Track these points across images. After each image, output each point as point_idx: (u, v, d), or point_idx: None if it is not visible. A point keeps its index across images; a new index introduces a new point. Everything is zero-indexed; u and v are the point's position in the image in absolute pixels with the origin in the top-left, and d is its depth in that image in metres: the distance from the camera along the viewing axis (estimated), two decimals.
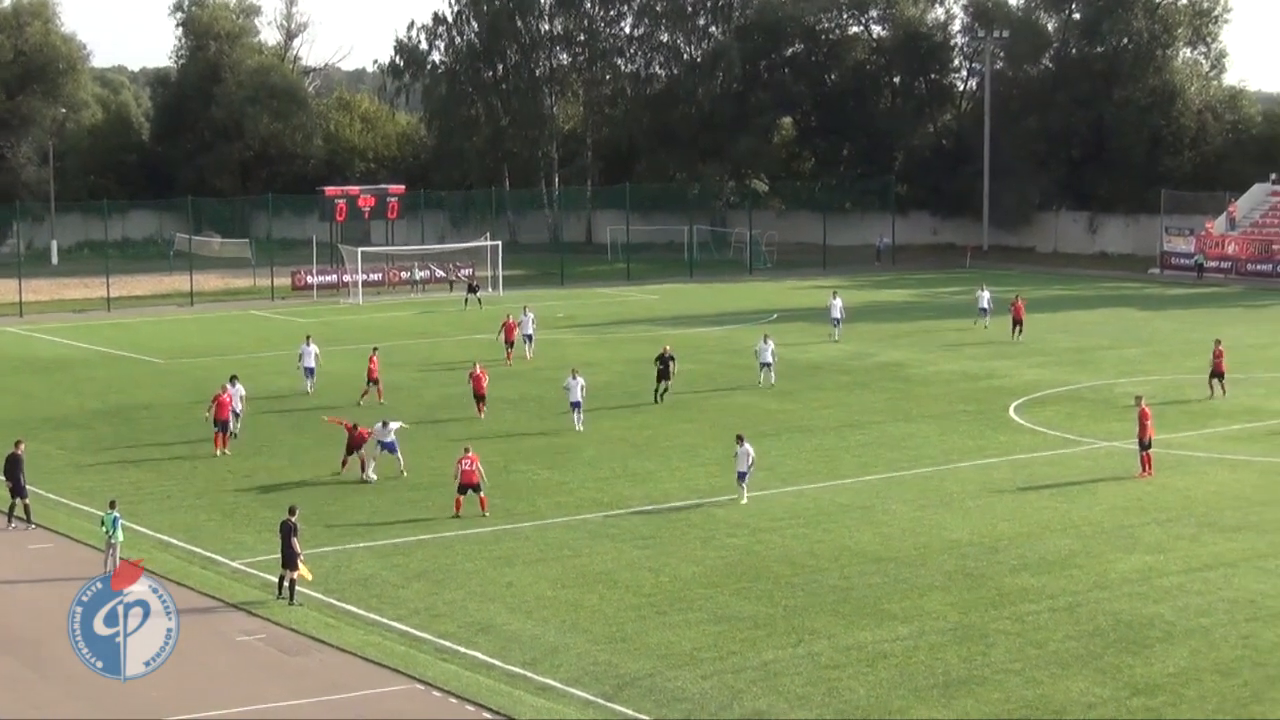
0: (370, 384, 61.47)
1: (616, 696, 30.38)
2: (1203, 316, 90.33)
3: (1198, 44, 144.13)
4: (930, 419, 58.89)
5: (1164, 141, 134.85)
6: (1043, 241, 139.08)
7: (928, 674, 31.75)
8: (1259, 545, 41.03)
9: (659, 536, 42.18)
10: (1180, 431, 56.40)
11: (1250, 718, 29.49)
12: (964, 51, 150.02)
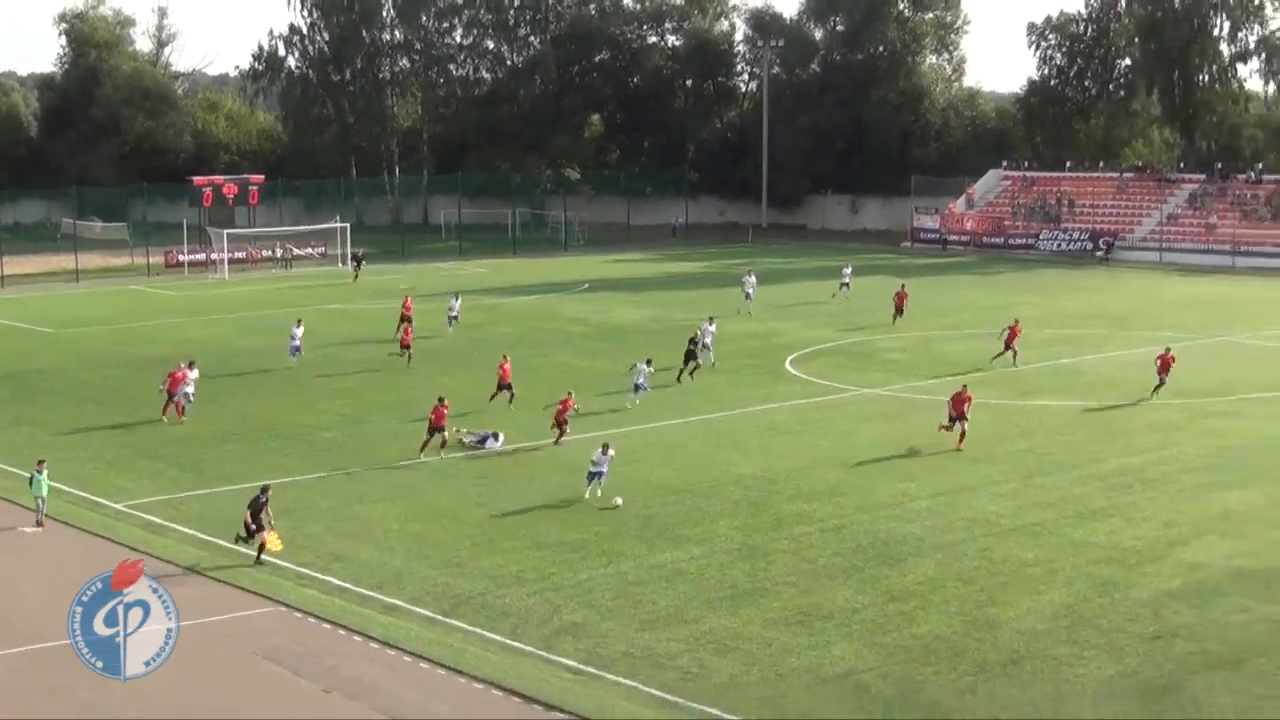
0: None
1: (453, 613, 30.50)
2: (945, 282, 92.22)
3: (941, 52, 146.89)
4: (721, 372, 59.32)
5: (914, 135, 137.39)
6: (813, 220, 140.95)
7: (718, 587, 32.21)
8: (993, 474, 42.01)
9: (489, 476, 42.24)
10: (926, 379, 57.53)
11: (985, 617, 30.28)
12: (745, 58, 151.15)
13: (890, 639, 29.06)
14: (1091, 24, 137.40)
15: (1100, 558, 34.27)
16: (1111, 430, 48.21)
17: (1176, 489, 40.74)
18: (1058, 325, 72.04)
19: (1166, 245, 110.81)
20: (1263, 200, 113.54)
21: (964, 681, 26.92)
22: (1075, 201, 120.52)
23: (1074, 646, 28.68)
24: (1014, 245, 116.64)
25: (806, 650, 28.42)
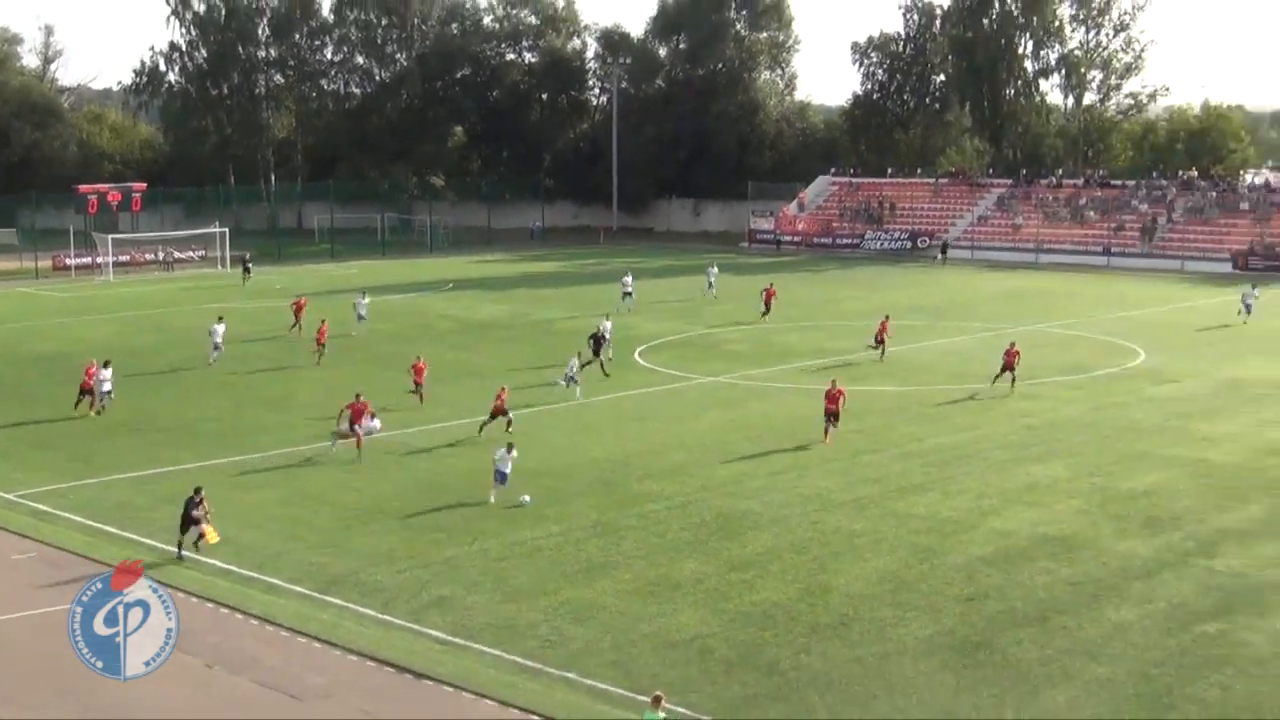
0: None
1: (329, 590, 30.23)
2: (780, 279, 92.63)
3: (775, 68, 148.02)
4: None
5: (750, 144, 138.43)
6: (659, 223, 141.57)
7: (574, 561, 32.25)
8: (824, 453, 42.46)
9: (357, 463, 41.91)
10: (764, 367, 58.05)
11: (818, 584, 30.67)
12: (596, 74, 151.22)
13: (732, 605, 29.30)
14: (909, 43, 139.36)
15: (920, 528, 34.83)
16: (930, 412, 48.98)
17: (987, 464, 41.52)
18: (882, 317, 72.96)
19: (978, 244, 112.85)
20: (1062, 203, 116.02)
21: (799, 643, 27.23)
22: (896, 204, 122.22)
23: (897, 609, 29.15)
24: (841, 245, 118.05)
25: (656, 618, 28.59)
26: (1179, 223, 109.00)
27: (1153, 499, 37.49)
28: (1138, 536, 34.20)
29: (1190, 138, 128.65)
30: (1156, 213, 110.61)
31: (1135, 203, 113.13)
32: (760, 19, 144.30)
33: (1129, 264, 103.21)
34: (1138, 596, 29.93)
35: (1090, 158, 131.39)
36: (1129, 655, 26.71)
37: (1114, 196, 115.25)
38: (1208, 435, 45.35)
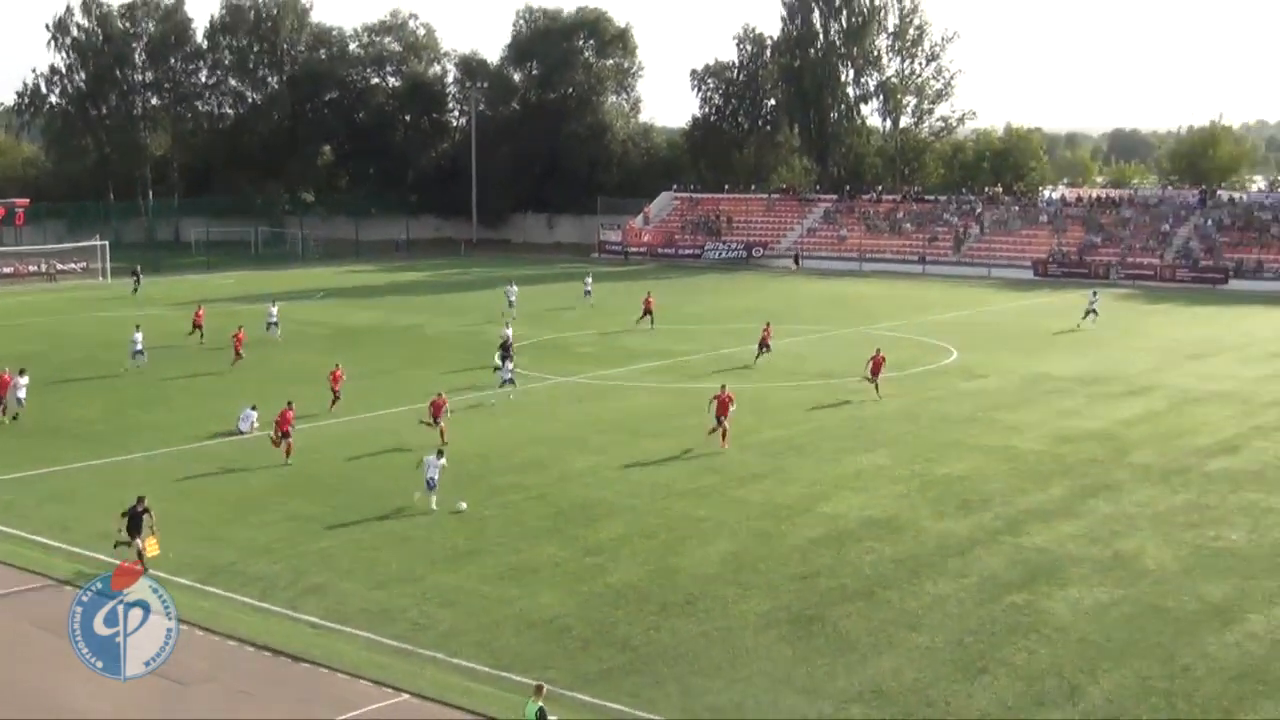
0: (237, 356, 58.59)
1: (209, 580, 29.66)
2: (627, 286, 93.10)
3: (621, 93, 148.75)
4: (439, 364, 59.06)
5: (599, 162, 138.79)
6: (516, 235, 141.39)
7: (442, 548, 32.03)
8: (673, 446, 42.56)
9: (239, 460, 41.15)
10: (613, 368, 58.14)
11: (666, 566, 30.79)
12: (456, 97, 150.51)
13: (587, 587, 29.31)
14: (743, 70, 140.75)
15: (758, 513, 35.13)
16: (767, 407, 49.39)
17: (819, 454, 42.01)
18: (721, 320, 73.58)
19: (807, 253, 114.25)
20: (882, 216, 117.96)
21: (650, 620, 27.32)
22: (733, 218, 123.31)
23: (739, 587, 29.38)
24: (683, 255, 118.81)
25: (517, 600, 28.49)
26: (986, 234, 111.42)
27: (966, 484, 38.24)
28: (953, 517, 34.87)
29: (995, 157, 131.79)
30: (966, 225, 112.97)
31: (947, 216, 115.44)
32: (607, 47, 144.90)
33: (942, 271, 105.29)
34: (953, 571, 30.50)
35: (906, 175, 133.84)
36: (946, 624, 27.22)
37: (928, 210, 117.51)
38: (1013, 425, 46.36)
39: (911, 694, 23.86)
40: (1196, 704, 23.43)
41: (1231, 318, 77.54)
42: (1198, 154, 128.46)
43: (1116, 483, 38.41)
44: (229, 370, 57.21)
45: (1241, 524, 34.24)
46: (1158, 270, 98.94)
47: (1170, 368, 58.82)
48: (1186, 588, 29.40)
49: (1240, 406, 49.77)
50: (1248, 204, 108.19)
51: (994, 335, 69.53)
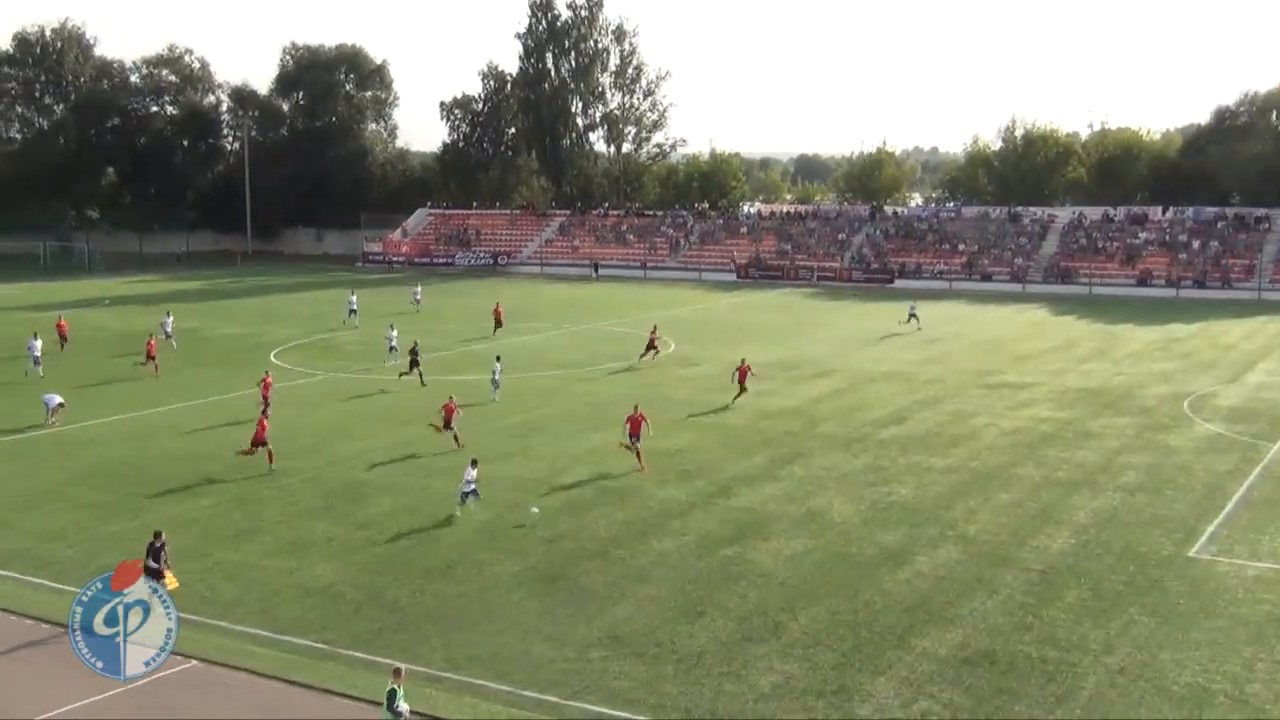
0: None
1: (7, 565, 28.00)
2: (389, 291, 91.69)
3: (380, 121, 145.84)
4: (217, 365, 57.01)
5: (362, 182, 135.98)
6: (288, 247, 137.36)
7: (223, 529, 30.93)
8: (423, 432, 41.93)
9: (31, 454, 38.90)
10: (375, 364, 57.04)
11: (429, 535, 30.36)
12: (230, 124, 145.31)
13: (358, 557, 28.70)
14: (487, 102, 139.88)
15: (508, 487, 34.96)
16: (513, 393, 49.17)
17: (558, 435, 42.11)
18: (472, 319, 72.93)
19: (546, 261, 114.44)
20: (609, 228, 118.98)
21: (415, 584, 26.94)
22: (480, 231, 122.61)
23: (493, 551, 29.22)
24: (438, 263, 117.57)
25: (295, 571, 27.73)
26: (696, 243, 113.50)
27: (684, 456, 38.86)
28: (674, 485, 35.40)
29: (702, 177, 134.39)
30: (680, 235, 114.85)
31: (664, 228, 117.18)
32: (366, 80, 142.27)
33: (661, 275, 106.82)
34: (675, 531, 30.97)
35: (629, 193, 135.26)
36: (670, 576, 27.62)
37: (647, 223, 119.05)
38: (723, 405, 47.36)
39: (643, 636, 24.13)
40: (877, 632, 24.34)
41: (896, 311, 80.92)
42: (868, 175, 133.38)
43: (808, 450, 39.60)
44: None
45: (909, 481, 35.74)
46: (838, 272, 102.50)
47: (849, 353, 61.00)
48: (866, 536, 30.53)
49: (905, 384, 51.95)
50: (908, 217, 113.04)
51: (705, 329, 70.88)
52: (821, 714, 20.88)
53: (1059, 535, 30.49)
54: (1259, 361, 58.10)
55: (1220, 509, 32.66)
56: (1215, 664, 22.70)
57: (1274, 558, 28.69)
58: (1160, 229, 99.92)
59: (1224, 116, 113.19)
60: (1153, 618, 24.97)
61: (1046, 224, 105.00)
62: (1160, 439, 41.15)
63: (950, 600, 26.02)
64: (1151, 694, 21.49)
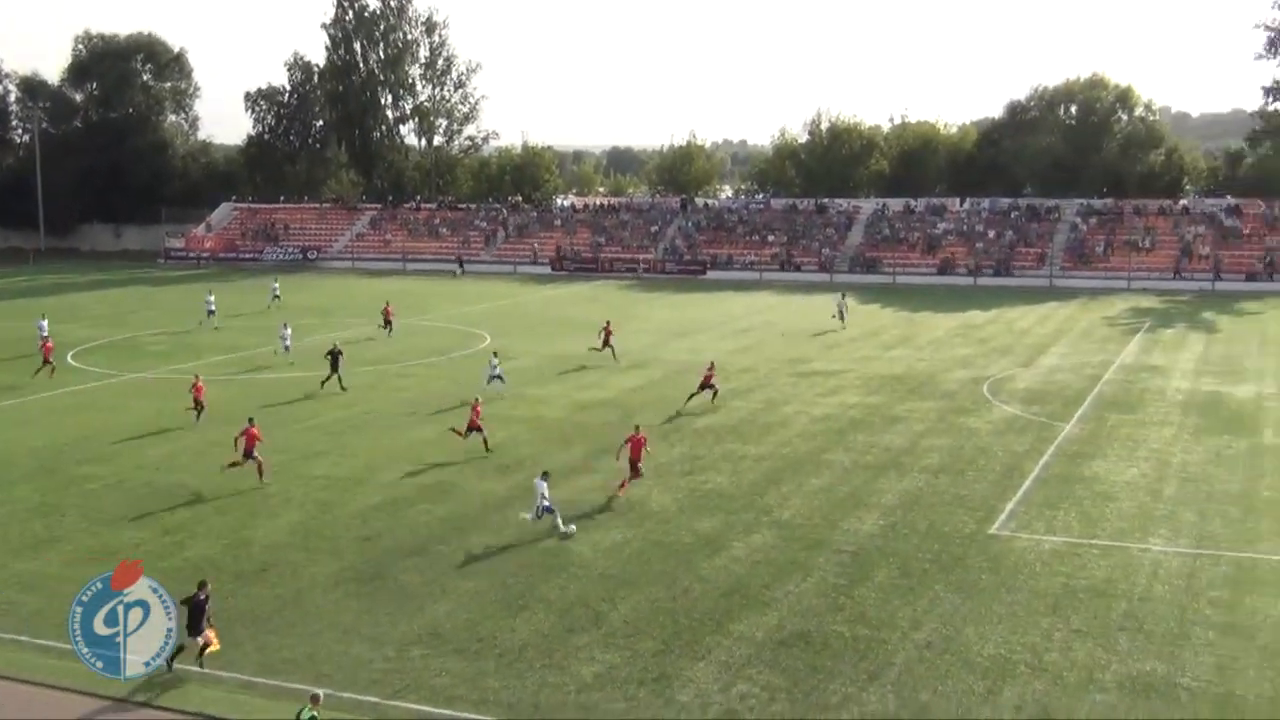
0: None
1: None
2: (189, 289, 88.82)
3: (179, 112, 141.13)
4: (4, 370, 54.47)
5: (162, 175, 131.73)
6: (84, 244, 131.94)
7: (20, 539, 29.65)
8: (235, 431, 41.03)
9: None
10: (182, 364, 55.26)
11: (240, 539, 29.58)
12: (19, 115, 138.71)
13: (167, 563, 27.74)
14: (293, 94, 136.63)
15: (322, 485, 34.41)
16: (328, 390, 48.17)
17: (376, 431, 41.52)
18: (279, 316, 71.15)
19: (357, 255, 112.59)
20: (422, 222, 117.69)
21: (227, 588, 26.18)
22: (289, 225, 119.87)
23: (307, 552, 28.67)
24: (244, 258, 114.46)
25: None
26: (511, 237, 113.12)
27: (502, 449, 38.70)
28: (493, 479, 35.28)
29: (515, 170, 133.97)
30: (494, 229, 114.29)
31: (478, 221, 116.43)
32: (164, 70, 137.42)
33: (476, 269, 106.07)
34: (494, 525, 30.87)
35: (441, 186, 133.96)
36: (490, 571, 27.53)
37: (461, 217, 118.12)
38: (540, 398, 47.37)
39: (464, 632, 24.00)
40: (695, 618, 24.72)
41: (710, 302, 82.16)
42: (678, 167, 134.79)
43: None
44: None
45: (725, 469, 36.37)
46: (651, 264, 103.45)
47: (663, 345, 61.68)
48: (684, 524, 30.96)
49: (720, 374, 52.73)
50: (719, 209, 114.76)
51: (521, 323, 70.73)
52: (643, 702, 21.12)
53: (868, 517, 31.45)
54: (1051, 346, 60.86)
55: (1018, 487, 34.15)
56: (1015, 635, 23.75)
57: (1068, 532, 30.14)
58: (958, 219, 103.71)
59: (1016, 111, 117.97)
60: (957, 594, 25.98)
61: (852, 215, 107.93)
62: (961, 422, 42.78)
63: (766, 584, 26.59)
64: (957, 667, 22.36)
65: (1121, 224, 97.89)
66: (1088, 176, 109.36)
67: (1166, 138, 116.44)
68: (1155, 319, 70.56)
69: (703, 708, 20.86)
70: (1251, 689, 21.36)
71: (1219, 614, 24.74)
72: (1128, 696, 21.09)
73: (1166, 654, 22.80)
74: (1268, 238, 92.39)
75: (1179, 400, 46.53)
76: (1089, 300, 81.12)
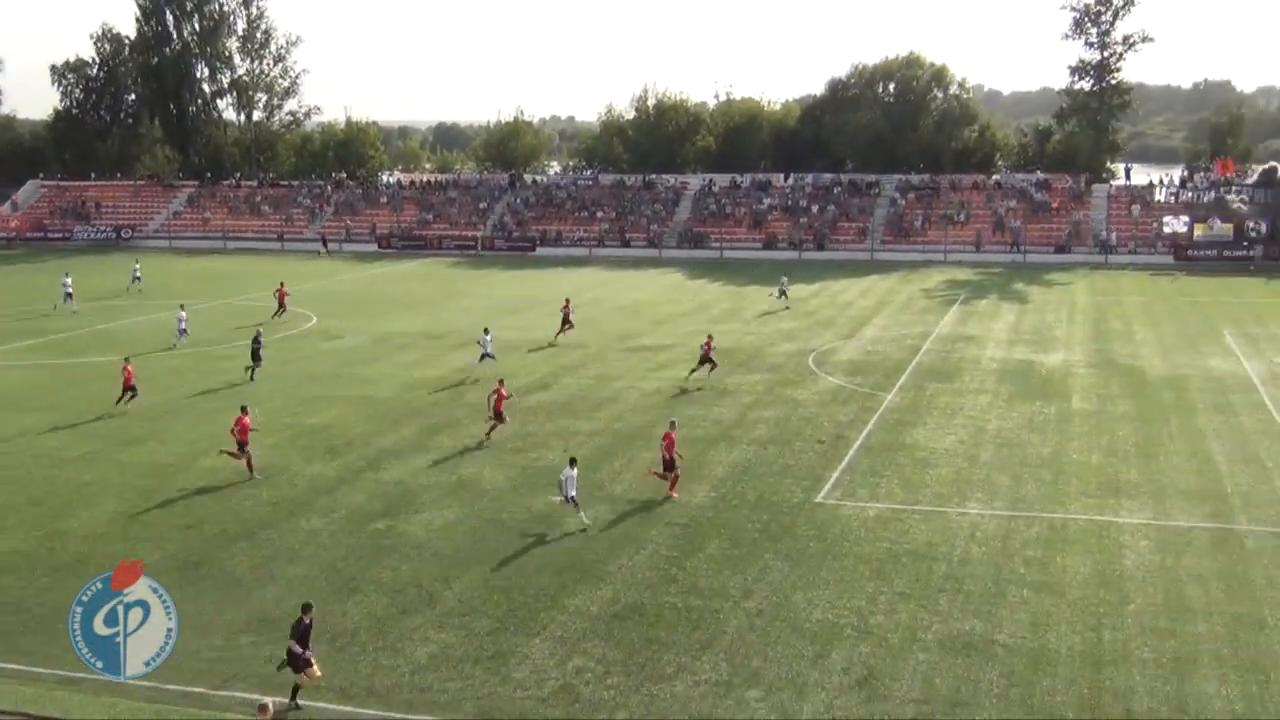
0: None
1: None
2: (5, 271, 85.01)
3: None
4: None
5: None
6: None
7: None
8: (54, 418, 39.52)
9: None
10: None
11: (55, 530, 28.49)
12: None
13: None
14: (103, 67, 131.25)
15: (142, 472, 33.38)
16: (143, 375, 46.53)
17: (196, 416, 40.39)
18: (94, 298, 68.58)
19: (174, 235, 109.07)
20: (242, 199, 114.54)
21: (42, 582, 25.27)
22: (101, 203, 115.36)
23: (127, 542, 27.78)
24: (54, 238, 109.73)
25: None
26: (336, 214, 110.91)
27: (331, 431, 38.15)
28: (321, 461, 34.71)
29: (339, 146, 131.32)
30: (319, 205, 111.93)
31: (300, 199, 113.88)
32: None
33: (298, 247, 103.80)
34: (324, 508, 30.40)
35: (262, 163, 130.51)
36: (320, 555, 27.11)
37: (283, 194, 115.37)
38: (369, 377, 46.72)
39: (293, 617, 23.54)
40: (530, 595, 24.75)
41: (540, 279, 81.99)
42: (506, 144, 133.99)
43: (455, 420, 39.66)
44: None
45: (557, 446, 36.44)
46: (480, 241, 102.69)
47: (494, 322, 61.21)
48: (517, 502, 30.95)
49: (549, 351, 52.81)
50: (547, 185, 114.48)
51: (348, 302, 69.54)
52: (479, 680, 21.08)
53: (699, 489, 31.89)
54: (873, 318, 62.50)
55: (843, 456, 35.04)
56: (842, 600, 24.41)
57: (890, 499, 31.07)
58: (783, 194, 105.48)
59: (837, 88, 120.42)
60: (786, 562, 26.56)
61: (679, 191, 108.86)
62: (788, 393, 43.66)
63: (600, 559, 26.76)
64: (787, 633, 22.88)
65: (938, 199, 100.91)
66: (906, 153, 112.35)
67: (980, 115, 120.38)
68: (970, 291, 73.02)
69: (539, 683, 20.93)
70: (1063, 642, 22.37)
71: (1033, 572, 25.83)
72: (948, 655, 21.88)
73: (984, 612, 23.72)
74: (1074, 211, 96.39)
75: (993, 369, 48.29)
76: (908, 273, 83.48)
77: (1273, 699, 20.18)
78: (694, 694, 20.54)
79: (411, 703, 20.24)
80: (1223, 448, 35.66)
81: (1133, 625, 23.10)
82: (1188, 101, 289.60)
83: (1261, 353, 50.54)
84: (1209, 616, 23.44)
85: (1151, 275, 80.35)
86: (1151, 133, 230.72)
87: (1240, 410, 40.43)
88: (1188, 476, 32.79)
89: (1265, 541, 27.58)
